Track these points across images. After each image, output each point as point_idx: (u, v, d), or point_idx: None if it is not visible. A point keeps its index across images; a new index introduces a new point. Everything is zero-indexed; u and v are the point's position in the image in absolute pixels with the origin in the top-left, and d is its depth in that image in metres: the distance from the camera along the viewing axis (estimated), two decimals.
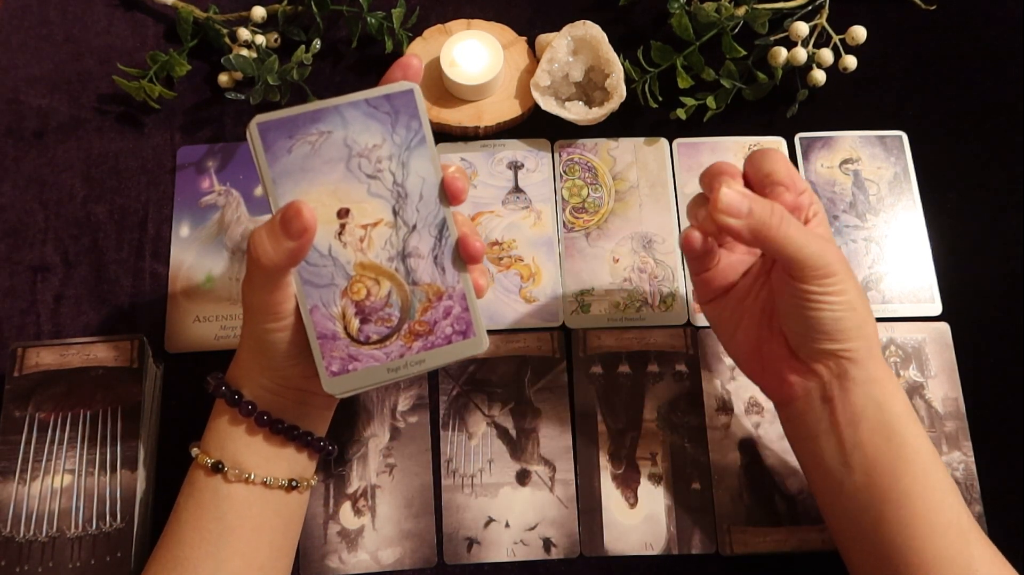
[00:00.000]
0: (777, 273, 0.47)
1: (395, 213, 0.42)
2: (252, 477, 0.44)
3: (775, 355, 0.48)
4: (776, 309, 0.47)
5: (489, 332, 0.45)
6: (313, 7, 0.63)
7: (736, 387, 0.57)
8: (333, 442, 0.49)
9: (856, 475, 0.45)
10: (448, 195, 0.42)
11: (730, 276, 0.50)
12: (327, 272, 0.42)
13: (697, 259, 0.49)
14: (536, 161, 0.63)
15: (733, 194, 0.43)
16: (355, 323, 0.42)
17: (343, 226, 0.42)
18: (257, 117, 0.40)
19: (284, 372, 0.44)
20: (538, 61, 0.63)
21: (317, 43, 0.61)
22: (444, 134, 0.63)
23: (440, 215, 0.43)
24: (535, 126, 0.64)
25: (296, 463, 0.46)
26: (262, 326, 0.42)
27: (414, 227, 0.42)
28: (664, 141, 0.64)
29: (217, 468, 0.44)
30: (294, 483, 0.46)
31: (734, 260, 0.50)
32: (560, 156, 0.63)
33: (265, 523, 0.45)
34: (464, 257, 0.43)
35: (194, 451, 0.45)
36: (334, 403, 0.49)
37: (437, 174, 0.42)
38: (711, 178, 0.47)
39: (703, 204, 0.47)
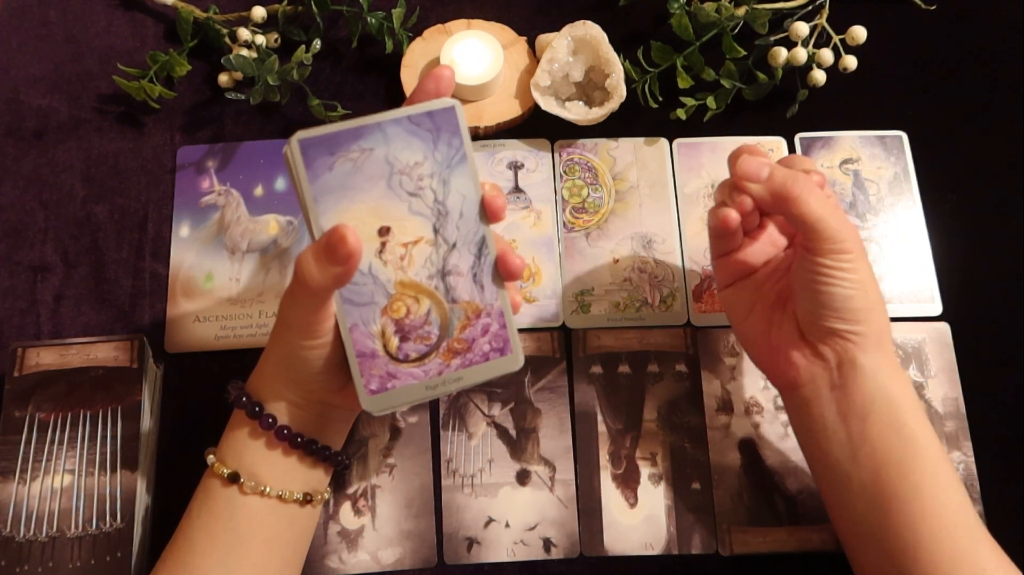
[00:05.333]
0: (796, 248, 0.48)
1: (435, 231, 0.42)
2: (267, 490, 0.44)
3: (784, 337, 0.48)
4: (791, 290, 0.48)
5: None
6: (313, 7, 0.63)
7: (736, 387, 0.57)
8: (348, 456, 0.49)
9: (864, 471, 0.45)
10: (488, 213, 0.42)
11: (751, 263, 0.51)
12: (367, 291, 0.41)
13: (722, 240, 0.50)
14: (536, 161, 0.63)
15: (753, 159, 0.46)
16: (394, 341, 0.42)
17: (384, 244, 0.41)
18: (298, 134, 0.40)
19: (310, 386, 0.44)
20: (538, 61, 0.63)
21: (317, 43, 0.61)
22: None
23: (480, 233, 0.42)
24: (535, 126, 0.64)
25: (311, 477, 0.47)
26: (298, 342, 0.42)
27: (454, 245, 0.42)
28: (664, 141, 0.64)
29: (233, 479, 0.44)
30: (308, 497, 0.46)
31: (757, 249, 0.51)
32: (560, 156, 0.63)
33: (278, 535, 0.45)
34: (503, 274, 0.43)
35: (210, 458, 0.45)
36: (352, 418, 0.50)
37: (477, 192, 0.42)
38: (736, 155, 0.49)
39: (731, 185, 0.48)
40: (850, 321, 0.45)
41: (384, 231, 0.41)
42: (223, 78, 0.64)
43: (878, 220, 0.62)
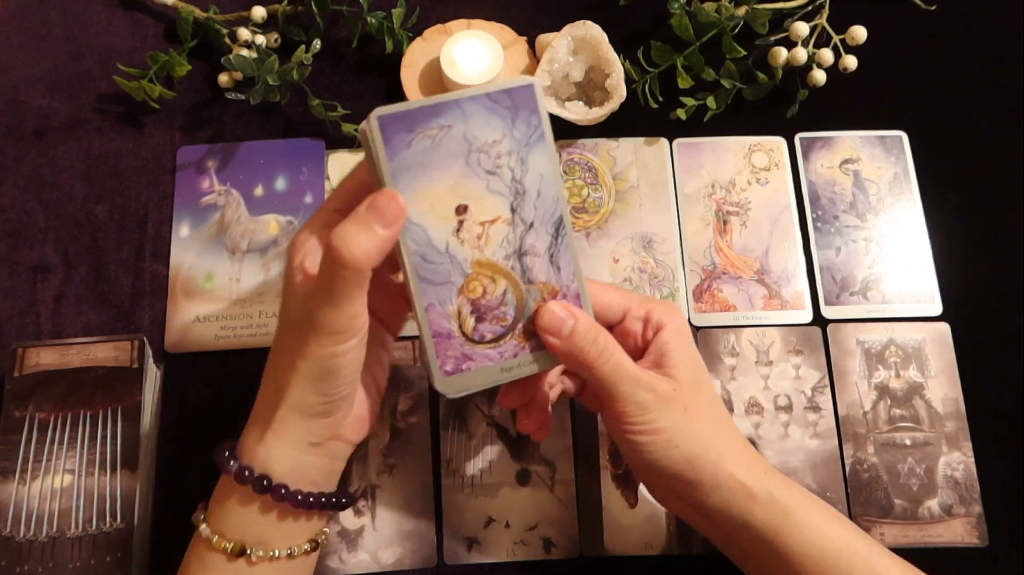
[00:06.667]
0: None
1: (513, 210, 0.41)
2: (277, 554, 0.42)
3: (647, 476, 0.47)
4: None
5: None
6: (313, 7, 0.63)
7: (736, 387, 0.57)
8: (349, 494, 0.46)
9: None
10: None
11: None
12: (444, 269, 0.41)
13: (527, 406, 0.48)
14: None
15: (558, 312, 0.42)
16: (470, 322, 0.41)
17: (461, 223, 0.40)
18: (377, 110, 0.38)
19: (328, 416, 0.42)
20: (538, 61, 0.63)
21: (317, 43, 0.61)
22: None
23: (557, 213, 0.42)
24: None
25: (317, 525, 0.45)
26: (330, 350, 0.39)
27: (531, 225, 0.41)
28: (664, 141, 0.64)
29: (240, 553, 0.42)
30: (315, 543, 0.44)
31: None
32: (560, 156, 0.63)
33: None
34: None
35: (204, 530, 0.42)
36: (350, 452, 0.46)
37: (555, 171, 0.41)
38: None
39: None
40: (676, 478, 0.43)
41: (462, 209, 0.40)
42: (223, 78, 0.64)
43: (878, 220, 0.62)
